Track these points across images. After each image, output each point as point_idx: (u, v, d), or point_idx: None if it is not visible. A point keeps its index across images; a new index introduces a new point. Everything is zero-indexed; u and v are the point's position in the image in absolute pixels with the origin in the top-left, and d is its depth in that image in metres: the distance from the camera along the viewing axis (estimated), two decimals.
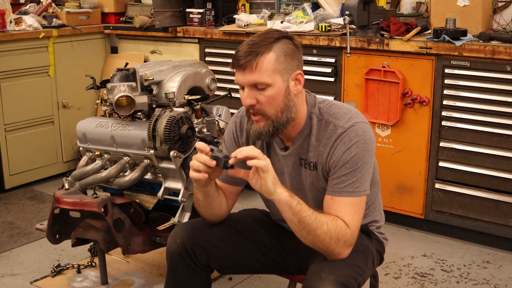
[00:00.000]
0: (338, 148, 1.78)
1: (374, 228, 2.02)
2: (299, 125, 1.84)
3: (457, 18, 3.04)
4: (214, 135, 2.62)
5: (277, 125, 1.77)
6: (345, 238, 1.72)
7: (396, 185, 3.34)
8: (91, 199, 2.41)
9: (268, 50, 1.72)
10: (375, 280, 2.08)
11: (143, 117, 2.66)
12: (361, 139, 1.78)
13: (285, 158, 1.89)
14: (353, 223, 1.75)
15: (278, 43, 1.74)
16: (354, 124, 1.79)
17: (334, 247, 1.72)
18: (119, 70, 2.62)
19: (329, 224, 1.70)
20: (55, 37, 4.07)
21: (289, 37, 1.78)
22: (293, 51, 1.76)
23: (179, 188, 2.48)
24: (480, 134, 3.03)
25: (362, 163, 1.78)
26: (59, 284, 2.81)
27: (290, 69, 1.75)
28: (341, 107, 1.85)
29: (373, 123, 3.32)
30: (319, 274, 1.69)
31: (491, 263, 3.01)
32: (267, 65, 1.71)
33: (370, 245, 1.92)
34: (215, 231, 1.96)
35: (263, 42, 1.72)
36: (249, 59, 1.71)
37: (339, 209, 1.76)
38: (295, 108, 1.79)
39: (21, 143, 4.00)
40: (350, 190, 1.76)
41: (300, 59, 1.80)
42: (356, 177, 1.77)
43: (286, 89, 1.75)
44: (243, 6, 4.20)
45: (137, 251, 2.55)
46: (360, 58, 3.29)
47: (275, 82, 1.73)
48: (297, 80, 1.78)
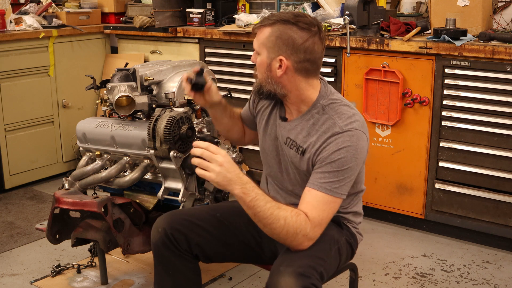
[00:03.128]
0: (330, 146, 1.83)
1: (350, 218, 2.06)
2: (302, 107, 1.94)
3: (457, 18, 3.05)
4: (214, 135, 2.62)
5: (264, 89, 1.93)
6: (304, 232, 1.78)
7: (396, 185, 3.34)
8: (91, 199, 2.41)
9: (269, 26, 1.86)
10: (354, 274, 2.14)
11: (143, 117, 2.66)
12: (353, 145, 1.83)
13: (279, 127, 2.00)
14: (318, 219, 1.80)
15: (280, 25, 1.85)
16: (352, 129, 1.84)
17: (291, 240, 1.78)
18: (119, 70, 2.62)
19: (287, 219, 1.76)
20: (55, 37, 4.07)
21: (301, 26, 1.84)
22: (290, 39, 1.83)
23: (179, 188, 2.48)
24: (480, 134, 3.03)
25: (348, 167, 1.82)
26: (59, 284, 2.81)
27: (276, 51, 1.85)
28: (349, 110, 1.90)
29: (373, 123, 3.32)
30: (278, 268, 1.75)
31: (491, 263, 3.01)
32: (261, 36, 1.88)
33: (338, 235, 1.97)
34: (193, 217, 2.04)
35: (274, 18, 1.86)
36: (256, 26, 1.92)
37: (311, 202, 1.81)
38: (282, 88, 1.90)
39: (21, 143, 4.00)
40: (328, 188, 1.81)
41: (296, 50, 1.84)
42: (338, 178, 1.82)
43: (268, 66, 1.88)
44: (243, 6, 4.20)
45: (137, 251, 2.55)
46: (360, 58, 3.29)
47: (261, 53, 1.89)
48: (279, 65, 1.86)
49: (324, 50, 1.91)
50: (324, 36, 1.88)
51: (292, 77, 1.88)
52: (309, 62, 1.86)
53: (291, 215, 1.77)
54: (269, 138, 2.05)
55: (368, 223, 3.50)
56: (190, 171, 2.46)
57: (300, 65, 1.86)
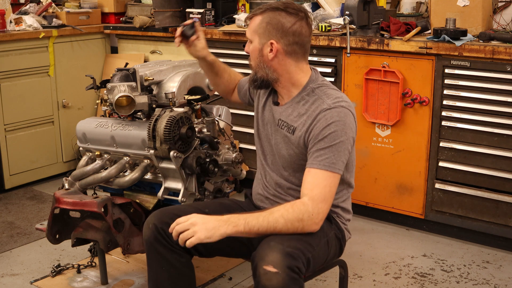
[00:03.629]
0: (319, 123, 1.93)
1: (340, 212, 2.11)
2: (293, 90, 2.04)
3: (457, 18, 3.05)
4: (214, 135, 2.62)
5: (257, 77, 2.04)
6: (308, 214, 1.85)
7: (396, 185, 3.34)
8: (91, 199, 2.41)
9: (260, 14, 1.99)
10: (344, 270, 2.19)
11: (143, 117, 2.66)
12: (341, 120, 1.91)
13: (272, 111, 2.10)
14: (321, 196, 1.87)
15: (270, 12, 1.97)
16: (339, 106, 1.94)
17: (301, 227, 1.86)
18: (119, 70, 2.62)
19: (284, 215, 1.84)
20: (55, 37, 4.07)
21: (289, 12, 1.96)
22: (280, 24, 1.95)
23: (179, 188, 2.48)
24: (480, 134, 3.03)
25: (339, 141, 1.90)
26: (59, 284, 2.81)
27: (267, 36, 1.97)
28: (337, 92, 2.01)
29: (373, 123, 3.32)
30: (269, 243, 1.81)
31: (491, 263, 3.01)
32: (252, 24, 2.01)
33: (328, 229, 2.02)
34: (183, 213, 2.06)
35: (264, 7, 1.99)
36: (248, 16, 2.04)
37: (311, 182, 1.89)
38: (274, 72, 2.01)
39: (21, 143, 4.00)
40: (327, 164, 1.89)
41: (286, 33, 1.95)
42: (332, 153, 1.90)
43: (259, 51, 1.99)
44: (243, 6, 4.20)
45: (137, 251, 2.55)
46: (360, 58, 3.29)
47: (253, 40, 2.01)
48: (270, 49, 1.97)
49: (311, 36, 2.02)
50: (311, 22, 2.00)
51: (282, 60, 1.99)
52: (297, 45, 1.98)
53: (286, 209, 1.85)
54: (265, 123, 2.14)
55: (368, 223, 3.50)
56: (190, 171, 2.46)
57: (290, 48, 1.97)
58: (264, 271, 1.75)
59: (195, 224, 1.84)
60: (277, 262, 1.75)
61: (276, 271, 1.74)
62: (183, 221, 1.86)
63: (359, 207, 3.54)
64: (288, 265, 1.75)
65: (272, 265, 1.75)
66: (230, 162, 2.60)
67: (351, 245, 3.20)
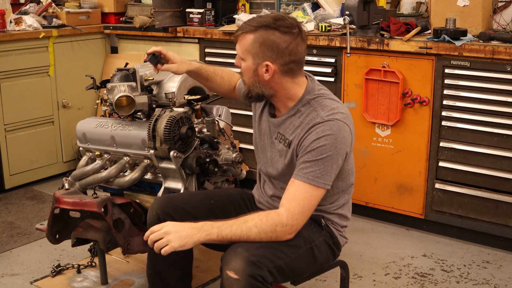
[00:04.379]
0: (310, 135, 1.90)
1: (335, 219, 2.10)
2: (289, 103, 2.00)
3: (457, 18, 3.05)
4: (214, 135, 2.62)
5: (251, 94, 1.98)
6: (281, 224, 1.85)
7: (396, 185, 3.34)
8: (91, 199, 2.41)
9: (251, 32, 1.90)
10: (344, 271, 2.22)
11: (143, 117, 2.66)
12: (334, 134, 1.89)
13: (269, 123, 2.08)
14: (298, 208, 1.86)
15: (263, 31, 1.89)
16: (333, 119, 1.91)
17: (274, 237, 1.86)
18: (119, 70, 2.62)
19: (258, 225, 1.85)
20: (55, 37, 4.07)
21: (283, 31, 1.88)
22: (274, 44, 1.88)
23: (179, 188, 2.48)
24: (480, 134, 3.03)
25: (327, 156, 1.88)
26: (59, 284, 2.81)
27: (261, 57, 1.91)
28: (333, 103, 1.97)
29: (373, 123, 3.32)
30: (235, 249, 1.83)
31: (491, 263, 3.01)
32: (244, 42, 1.92)
33: (313, 235, 2.01)
34: (186, 205, 2.13)
35: (255, 23, 1.90)
36: (238, 33, 1.94)
37: (291, 192, 1.88)
38: (270, 89, 1.96)
39: (21, 143, 4.00)
40: (311, 178, 1.87)
41: (281, 54, 1.90)
42: (319, 167, 1.87)
43: (254, 71, 1.94)
44: (243, 6, 4.20)
45: (137, 251, 2.55)
46: (360, 58, 3.29)
47: (246, 59, 1.94)
48: (266, 69, 1.92)
49: (306, 49, 1.98)
50: (305, 35, 1.94)
51: (279, 79, 1.94)
52: (294, 63, 1.93)
53: (260, 219, 1.86)
54: (262, 134, 2.12)
55: (368, 223, 3.50)
56: (190, 171, 2.46)
57: (286, 67, 1.92)
58: (227, 276, 1.78)
59: (169, 233, 1.85)
60: (239, 269, 1.77)
61: (237, 278, 1.76)
62: (157, 230, 1.88)
63: (359, 207, 3.54)
64: (250, 273, 1.76)
65: (234, 271, 1.77)
66: (230, 162, 2.60)
67: (351, 245, 3.20)
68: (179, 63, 2.25)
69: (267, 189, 2.16)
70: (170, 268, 2.19)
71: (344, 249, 3.12)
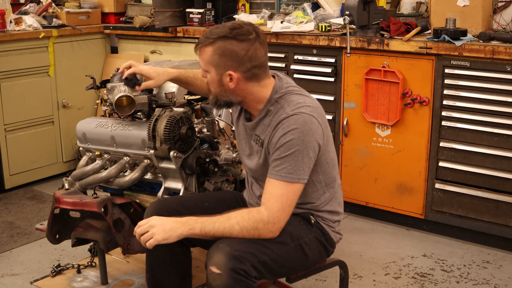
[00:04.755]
0: (278, 132, 1.92)
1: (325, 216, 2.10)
2: (259, 105, 2.02)
3: (457, 18, 3.05)
4: (214, 135, 2.62)
5: (220, 102, 2.02)
6: (262, 222, 1.88)
7: (396, 185, 3.34)
8: (91, 199, 2.41)
9: (210, 45, 1.93)
10: (344, 271, 2.24)
11: (143, 117, 2.65)
12: (299, 128, 1.89)
13: (246, 127, 2.10)
14: (278, 206, 1.88)
15: (220, 42, 1.91)
16: (298, 113, 1.92)
17: (257, 234, 1.89)
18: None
19: (240, 222, 1.88)
20: (55, 37, 4.07)
21: (240, 39, 1.91)
22: (233, 53, 1.91)
23: (179, 188, 2.48)
24: (480, 134, 3.03)
25: (295, 150, 1.89)
26: (59, 284, 2.81)
27: (223, 67, 1.93)
28: (300, 97, 1.98)
29: (373, 123, 3.32)
30: (218, 244, 1.87)
31: (491, 263, 3.01)
32: (204, 55, 1.96)
33: (303, 232, 2.03)
34: (180, 206, 2.15)
35: (212, 35, 1.92)
36: (198, 46, 1.98)
37: (269, 191, 1.91)
38: (237, 96, 1.99)
39: (21, 143, 4.00)
40: (283, 175, 1.89)
41: (242, 62, 1.92)
42: (289, 163, 1.89)
43: (219, 81, 1.97)
44: (243, 6, 4.20)
45: (137, 251, 2.55)
46: (360, 58, 3.29)
47: (210, 71, 1.97)
48: (230, 78, 1.94)
49: (267, 50, 1.99)
50: (263, 38, 1.95)
51: (244, 86, 1.97)
52: (256, 68, 1.95)
53: (242, 217, 1.89)
54: (241, 138, 2.16)
55: (368, 223, 3.50)
56: (190, 171, 2.46)
57: (249, 73, 1.95)
58: (210, 271, 1.83)
59: (154, 226, 1.92)
60: (220, 264, 1.81)
61: (219, 272, 1.80)
62: (143, 224, 1.95)
63: (359, 207, 3.54)
64: (232, 267, 1.80)
65: (216, 266, 1.81)
66: (230, 162, 2.60)
67: (351, 245, 3.20)
68: (156, 76, 2.34)
69: (255, 190, 2.19)
70: (168, 270, 2.20)
71: (344, 249, 3.13)
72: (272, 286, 2.60)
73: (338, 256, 2.29)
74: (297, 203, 2.01)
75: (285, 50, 3.56)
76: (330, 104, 3.44)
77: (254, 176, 2.17)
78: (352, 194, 3.50)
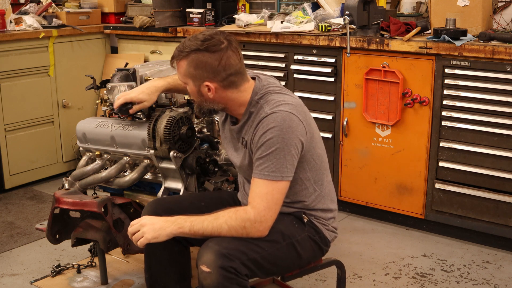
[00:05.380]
0: (258, 131, 1.95)
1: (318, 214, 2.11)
2: (241, 109, 2.04)
3: (457, 18, 3.05)
4: (214, 135, 2.62)
5: (203, 109, 2.05)
6: (250, 222, 1.90)
7: (396, 185, 3.34)
8: (91, 199, 2.41)
9: (184, 58, 1.97)
10: (341, 271, 2.25)
11: (143, 117, 2.65)
12: (278, 126, 1.91)
13: (232, 131, 2.13)
14: (264, 204, 1.90)
15: (194, 55, 1.94)
16: (277, 111, 1.93)
17: (245, 233, 1.91)
18: (119, 70, 2.62)
19: (227, 221, 1.91)
20: (55, 37, 4.07)
21: (211, 50, 1.93)
22: (207, 64, 1.94)
23: (179, 188, 2.48)
24: (480, 134, 3.03)
25: (276, 148, 1.90)
26: (59, 284, 2.81)
27: (199, 79, 1.97)
28: (280, 96, 2.00)
29: (373, 123, 3.32)
30: (207, 243, 1.90)
31: (491, 263, 3.01)
32: (180, 69, 2.00)
33: (296, 231, 2.04)
34: (177, 206, 2.18)
35: (185, 50, 1.95)
36: (172, 60, 2.02)
37: (254, 190, 1.93)
38: (218, 104, 2.02)
39: (21, 143, 4.00)
40: (266, 173, 1.91)
41: (216, 72, 1.95)
42: (271, 161, 1.90)
43: (198, 92, 2.00)
44: (243, 6, 4.20)
45: (137, 251, 2.55)
46: (360, 58, 3.29)
47: (188, 83, 2.01)
48: (208, 89, 1.98)
49: (241, 56, 2.00)
50: (235, 45, 1.98)
51: (224, 93, 1.99)
52: (232, 76, 1.97)
53: (229, 216, 1.92)
54: (228, 142, 2.19)
55: (368, 223, 3.50)
56: (190, 171, 2.46)
57: (226, 82, 1.97)
58: (200, 270, 1.85)
59: (144, 225, 1.96)
60: (209, 262, 1.83)
61: (209, 271, 1.83)
62: (134, 223, 1.99)
63: (359, 207, 3.54)
64: (221, 265, 1.82)
65: (205, 264, 1.84)
66: (230, 162, 2.60)
67: (351, 245, 3.20)
68: (147, 97, 2.37)
69: (247, 189, 2.19)
70: (167, 270, 2.21)
71: (344, 249, 3.13)
72: (272, 285, 2.60)
73: (338, 256, 2.30)
74: (288, 202, 2.04)
75: (285, 50, 3.56)
76: (330, 104, 3.44)
77: (245, 177, 2.19)
78: (352, 194, 3.50)
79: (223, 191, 2.58)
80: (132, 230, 1.98)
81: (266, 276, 2.07)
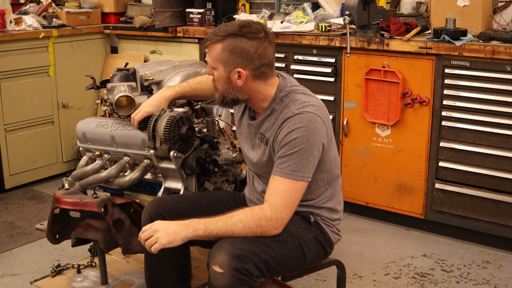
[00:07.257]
0: (283, 130, 1.95)
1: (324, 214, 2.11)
2: (264, 104, 2.04)
3: (457, 18, 3.05)
4: (214, 135, 2.62)
5: (226, 99, 2.04)
6: (266, 220, 1.89)
7: (396, 185, 3.34)
8: (91, 199, 2.41)
9: (219, 42, 1.95)
10: (341, 271, 2.25)
11: None
12: (304, 127, 1.92)
13: (250, 126, 2.13)
14: (281, 203, 1.90)
15: (231, 39, 1.93)
16: (303, 112, 1.94)
17: (260, 232, 1.90)
18: (119, 70, 2.62)
19: (243, 220, 1.89)
20: (55, 37, 4.07)
21: (249, 37, 1.93)
22: (243, 51, 1.93)
23: (179, 188, 2.48)
24: (480, 134, 3.03)
25: (300, 148, 1.91)
26: (59, 284, 2.81)
27: (232, 64, 1.96)
28: (304, 97, 2.01)
29: (373, 123, 3.32)
30: (220, 244, 1.88)
31: (491, 263, 3.01)
32: (213, 52, 1.98)
33: (301, 231, 2.04)
34: (178, 205, 2.17)
35: (222, 32, 1.94)
36: (207, 43, 2.00)
37: (273, 188, 1.92)
38: (244, 94, 2.01)
39: (21, 143, 4.00)
40: (288, 172, 1.91)
41: (251, 59, 1.95)
42: (294, 160, 1.91)
43: (227, 78, 1.99)
44: (243, 6, 4.20)
45: (137, 251, 2.55)
46: (360, 58, 3.29)
47: (218, 68, 1.99)
48: (239, 76, 1.97)
49: (274, 50, 2.02)
50: (272, 38, 1.98)
51: (252, 83, 1.99)
52: (264, 66, 1.98)
53: (244, 214, 1.91)
54: (244, 137, 2.17)
55: (368, 223, 3.50)
56: (190, 171, 2.46)
57: (258, 71, 1.97)
58: (212, 271, 1.84)
59: (157, 230, 1.92)
60: (223, 263, 1.81)
61: (222, 272, 1.81)
62: (147, 229, 1.95)
63: (359, 207, 3.54)
64: (234, 266, 1.80)
65: (218, 265, 1.82)
66: (230, 162, 2.60)
67: (351, 245, 3.20)
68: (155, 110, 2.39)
69: (257, 186, 2.20)
70: (167, 270, 2.21)
71: (344, 249, 3.14)
72: (272, 285, 2.60)
73: (338, 256, 2.30)
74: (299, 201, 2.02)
75: (285, 50, 3.56)
76: (330, 104, 3.44)
77: (257, 172, 2.17)
78: (352, 194, 3.50)
79: (223, 191, 2.58)
80: (145, 236, 1.95)
81: (272, 277, 2.07)
